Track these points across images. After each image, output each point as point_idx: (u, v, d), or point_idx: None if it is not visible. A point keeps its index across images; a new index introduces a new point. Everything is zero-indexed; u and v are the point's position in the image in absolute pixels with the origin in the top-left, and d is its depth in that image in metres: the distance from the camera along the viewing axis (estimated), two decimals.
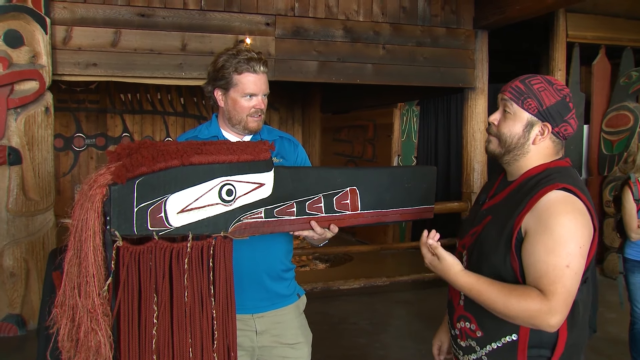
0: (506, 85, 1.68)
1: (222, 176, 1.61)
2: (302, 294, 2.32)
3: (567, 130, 1.63)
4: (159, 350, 1.53)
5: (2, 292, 4.59)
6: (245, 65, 2.06)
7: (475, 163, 6.22)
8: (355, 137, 9.43)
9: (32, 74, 4.57)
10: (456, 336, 1.74)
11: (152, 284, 1.51)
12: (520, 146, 1.64)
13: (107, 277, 1.46)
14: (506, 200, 1.65)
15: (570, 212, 1.50)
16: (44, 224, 4.69)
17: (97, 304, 1.43)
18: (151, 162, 1.50)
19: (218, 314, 1.61)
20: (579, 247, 1.49)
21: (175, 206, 1.53)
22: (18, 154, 4.57)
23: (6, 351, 4.34)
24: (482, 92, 6.15)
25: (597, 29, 6.57)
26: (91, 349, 1.44)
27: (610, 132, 6.75)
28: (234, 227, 1.64)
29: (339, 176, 1.92)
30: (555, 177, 1.57)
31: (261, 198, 1.71)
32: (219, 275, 1.60)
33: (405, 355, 4.35)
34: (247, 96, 2.07)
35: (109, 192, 1.45)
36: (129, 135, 9.84)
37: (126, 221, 1.47)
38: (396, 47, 5.77)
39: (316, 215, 1.85)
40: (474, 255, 1.66)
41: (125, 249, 1.47)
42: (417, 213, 2.08)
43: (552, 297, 1.47)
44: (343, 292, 5.89)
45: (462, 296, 1.70)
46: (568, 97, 1.62)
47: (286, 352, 2.18)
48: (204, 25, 5.13)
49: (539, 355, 1.57)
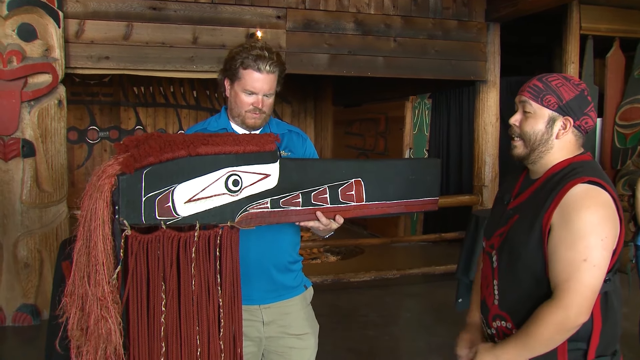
0: (523, 87, 1.70)
1: (229, 166, 1.64)
2: (309, 285, 2.33)
3: (588, 123, 1.65)
4: (167, 338, 1.55)
5: (16, 282, 4.66)
6: (251, 62, 2.05)
7: (487, 156, 6.19)
8: (367, 130, 9.42)
9: (45, 67, 4.61)
10: (493, 335, 1.75)
11: (160, 272, 1.54)
12: (544, 142, 1.65)
13: (116, 266, 1.48)
14: (532, 198, 1.66)
15: (592, 205, 1.52)
16: (57, 216, 4.75)
17: (107, 291, 1.46)
18: (158, 153, 1.52)
19: (225, 303, 1.63)
20: (601, 239, 1.51)
21: (183, 196, 1.56)
22: (32, 146, 4.63)
23: (21, 341, 4.41)
24: (493, 85, 6.12)
25: (611, 21, 6.49)
26: (102, 336, 1.46)
27: (624, 125, 6.69)
28: (240, 217, 1.67)
29: (344, 168, 1.94)
30: (579, 170, 1.59)
31: (267, 189, 1.73)
32: (225, 264, 1.63)
33: (415, 348, 4.36)
34: (247, 93, 2.09)
35: (117, 182, 1.48)
36: (142, 127, 9.89)
37: (134, 210, 1.50)
38: (407, 39, 5.76)
39: (322, 206, 1.86)
40: (504, 255, 1.68)
41: (134, 237, 1.50)
42: (421, 205, 2.09)
43: (565, 296, 1.51)
44: (353, 284, 5.91)
45: (496, 295, 1.71)
46: (586, 91, 1.65)
47: (293, 343, 2.20)
48: (215, 19, 5.15)
49: (576, 349, 1.59)
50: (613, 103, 6.83)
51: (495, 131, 6.18)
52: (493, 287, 1.73)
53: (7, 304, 4.66)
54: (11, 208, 4.60)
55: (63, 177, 4.80)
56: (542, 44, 8.04)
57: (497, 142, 6.19)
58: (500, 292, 1.70)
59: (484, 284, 1.79)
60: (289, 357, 2.20)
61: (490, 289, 1.74)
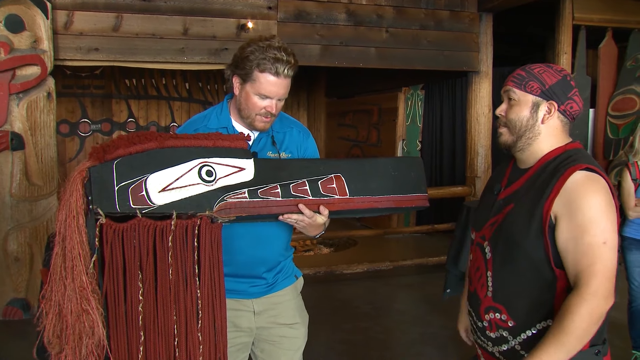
0: (507, 78, 1.72)
1: (200, 158, 1.65)
2: (300, 275, 2.32)
3: (573, 107, 1.66)
4: (145, 327, 1.56)
5: (6, 276, 4.63)
6: (269, 64, 1.91)
7: (480, 147, 6.18)
8: (360, 122, 9.40)
9: (34, 59, 4.56)
10: (484, 328, 1.73)
11: (137, 261, 1.54)
12: (530, 128, 1.66)
13: (92, 256, 1.49)
14: (527, 186, 1.65)
15: (597, 190, 1.53)
16: (48, 209, 4.71)
17: (85, 282, 1.46)
18: (127, 144, 1.56)
19: (203, 294, 1.63)
20: (611, 222, 1.52)
21: (156, 185, 1.57)
22: (21, 139, 4.59)
23: (12, 334, 4.39)
24: (486, 75, 6.10)
25: (604, 12, 6.47)
26: (84, 331, 1.46)
27: (616, 116, 6.68)
28: (218, 206, 1.66)
29: (322, 165, 1.92)
30: (575, 158, 1.59)
31: (243, 181, 1.73)
32: (204, 255, 1.62)
33: (407, 339, 4.36)
34: (262, 97, 1.97)
35: (88, 173, 1.50)
36: (134, 120, 9.83)
37: (108, 199, 1.51)
38: (399, 30, 5.73)
39: (303, 197, 1.83)
40: (500, 245, 1.67)
41: (109, 226, 1.51)
42: (411, 201, 2.03)
43: (592, 281, 1.48)
44: (346, 276, 5.91)
45: (489, 287, 1.70)
46: (568, 76, 1.67)
47: (284, 332, 2.20)
48: (206, 10, 5.11)
49: None
50: (605, 94, 6.82)
51: (488, 122, 6.17)
52: (486, 278, 1.71)
53: None
54: (0, 202, 4.56)
55: (53, 170, 4.76)
56: (535, 34, 8.02)
57: (489, 133, 6.18)
58: (494, 283, 1.68)
59: (476, 276, 1.77)
60: (280, 346, 2.20)
61: (483, 280, 1.72)
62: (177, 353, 1.60)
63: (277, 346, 2.20)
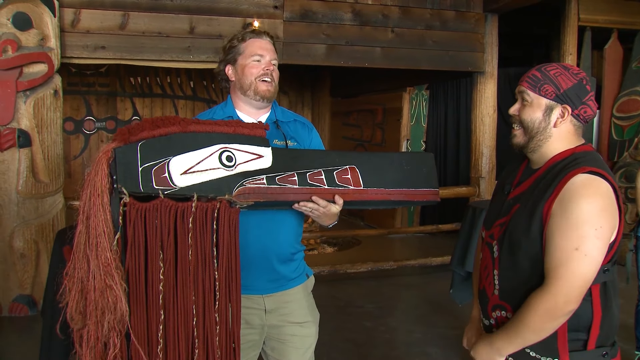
0: (522, 77, 1.71)
1: (221, 143, 1.69)
2: (311, 274, 2.35)
3: (587, 112, 1.65)
4: (165, 306, 1.58)
5: (12, 273, 4.65)
6: (249, 34, 2.14)
7: (484, 148, 6.18)
8: (365, 122, 9.41)
9: (41, 57, 4.59)
10: (491, 326, 1.75)
11: (158, 240, 1.57)
12: (542, 130, 1.66)
13: (116, 233, 1.52)
14: (533, 187, 1.66)
15: (591, 195, 1.52)
16: (54, 206, 4.74)
17: (110, 258, 1.48)
18: (152, 127, 1.59)
19: (220, 277, 1.65)
20: (595, 229, 1.50)
21: (178, 168, 1.60)
22: (27, 136, 4.61)
23: (17, 331, 4.42)
24: (491, 76, 6.10)
25: (610, 13, 6.47)
26: (107, 306, 1.48)
27: (621, 117, 6.68)
28: (237, 190, 1.70)
29: (337, 157, 1.98)
30: (581, 161, 1.59)
31: (261, 167, 1.78)
32: (223, 238, 1.65)
33: (411, 338, 4.37)
34: (256, 58, 2.10)
35: (113, 154, 1.53)
36: (138, 118, 9.85)
37: (132, 179, 1.54)
38: (405, 30, 5.73)
39: (319, 187, 1.88)
40: (505, 245, 1.68)
41: (132, 205, 1.53)
42: (423, 195, 2.09)
43: (554, 283, 1.52)
44: (350, 275, 5.92)
45: (496, 285, 1.71)
46: (585, 80, 1.65)
47: (295, 331, 2.21)
48: (212, 8, 5.12)
49: (577, 339, 1.59)
50: (610, 95, 6.81)
51: (493, 122, 6.17)
52: (493, 277, 1.73)
53: (4, 295, 4.66)
54: (7, 198, 4.59)
55: (59, 167, 4.78)
56: (541, 35, 8.02)
57: (494, 134, 6.18)
58: (500, 282, 1.70)
59: (484, 275, 1.79)
60: (290, 344, 2.21)
61: (490, 278, 1.74)
62: (195, 332, 1.62)
63: (287, 345, 2.21)
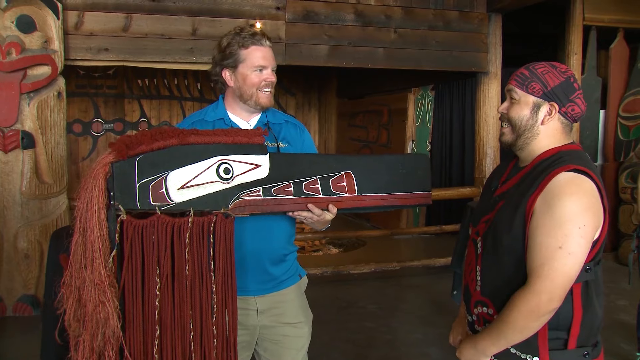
0: (511, 75, 1.73)
1: (219, 155, 1.69)
2: (304, 274, 2.34)
3: (575, 110, 1.65)
4: (161, 321, 1.60)
5: (16, 273, 4.69)
6: (250, 39, 2.07)
7: (488, 148, 6.16)
8: (370, 123, 9.40)
9: (45, 59, 4.63)
10: (473, 322, 1.76)
11: (155, 256, 1.59)
12: (530, 128, 1.66)
13: (112, 251, 1.54)
14: (518, 184, 1.67)
15: (575, 193, 1.52)
16: (57, 207, 4.78)
17: (103, 276, 1.50)
18: (150, 140, 1.59)
19: (218, 289, 1.67)
20: (578, 227, 1.50)
21: (176, 182, 1.61)
22: (31, 138, 4.66)
23: (21, 330, 4.45)
24: (495, 76, 6.08)
25: (615, 12, 6.42)
26: (100, 321, 1.50)
27: (627, 117, 6.63)
28: (233, 204, 1.71)
29: (333, 161, 1.98)
30: (566, 159, 1.59)
31: (258, 178, 1.79)
32: (219, 251, 1.67)
33: (412, 339, 4.36)
34: (257, 70, 2.08)
35: (111, 169, 1.54)
36: (146, 120, 9.92)
37: (129, 196, 1.55)
38: (408, 31, 5.72)
39: (314, 196, 1.90)
40: (489, 241, 1.68)
41: (129, 222, 1.55)
42: (415, 198, 2.12)
43: (537, 281, 1.51)
44: (354, 276, 5.91)
45: (478, 281, 1.72)
46: (572, 77, 1.65)
47: (287, 331, 2.21)
48: (215, 10, 5.14)
49: (557, 338, 1.59)
50: (616, 95, 6.76)
51: (497, 123, 6.13)
52: (476, 273, 1.73)
53: (8, 295, 4.70)
54: (11, 199, 4.63)
55: (63, 168, 4.82)
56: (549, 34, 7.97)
57: (498, 134, 6.14)
58: (482, 277, 1.70)
59: (467, 271, 1.80)
60: (283, 345, 2.22)
61: (473, 274, 1.74)
62: (192, 347, 1.64)
63: (280, 345, 2.21)
